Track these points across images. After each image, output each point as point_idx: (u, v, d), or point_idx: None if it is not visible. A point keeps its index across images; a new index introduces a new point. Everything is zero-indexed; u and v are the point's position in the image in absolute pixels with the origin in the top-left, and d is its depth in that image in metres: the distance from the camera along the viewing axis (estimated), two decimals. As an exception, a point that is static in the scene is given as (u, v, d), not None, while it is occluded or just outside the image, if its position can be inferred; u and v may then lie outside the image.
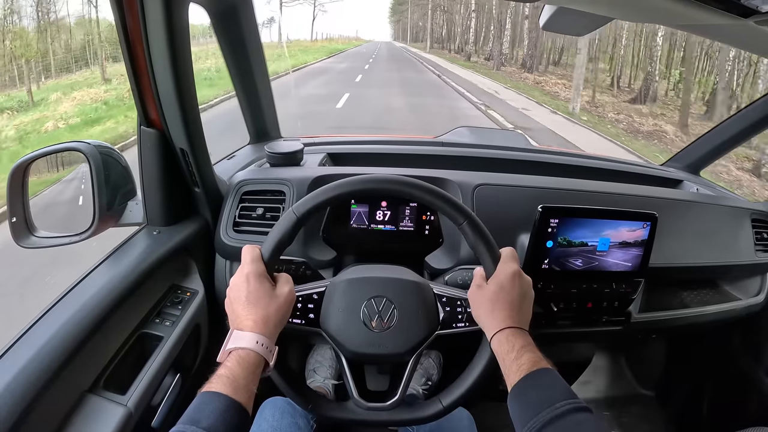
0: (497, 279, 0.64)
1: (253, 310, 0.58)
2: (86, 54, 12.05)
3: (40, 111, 7.94)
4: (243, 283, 0.60)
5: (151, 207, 0.85)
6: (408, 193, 0.66)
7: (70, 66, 11.38)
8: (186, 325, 0.81)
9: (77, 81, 10.24)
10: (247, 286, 0.60)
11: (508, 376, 0.58)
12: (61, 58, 11.47)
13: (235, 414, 0.49)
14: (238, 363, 0.54)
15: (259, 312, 0.58)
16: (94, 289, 0.69)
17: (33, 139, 6.37)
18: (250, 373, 0.54)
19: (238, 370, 0.53)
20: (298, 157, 1.03)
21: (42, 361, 0.57)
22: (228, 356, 0.55)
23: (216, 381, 0.52)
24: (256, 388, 0.54)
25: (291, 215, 0.63)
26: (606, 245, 0.84)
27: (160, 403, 0.75)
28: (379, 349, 0.66)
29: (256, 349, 0.55)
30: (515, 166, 1.14)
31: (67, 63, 11.45)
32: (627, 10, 0.87)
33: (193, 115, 0.78)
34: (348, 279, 0.69)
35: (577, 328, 0.94)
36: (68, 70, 11.26)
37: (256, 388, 0.55)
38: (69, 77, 10.72)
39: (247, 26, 0.98)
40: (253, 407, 0.54)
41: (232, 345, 0.56)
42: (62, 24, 12.71)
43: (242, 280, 0.60)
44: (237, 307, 0.60)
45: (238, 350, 0.55)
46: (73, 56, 11.55)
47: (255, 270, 0.61)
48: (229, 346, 0.56)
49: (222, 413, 0.48)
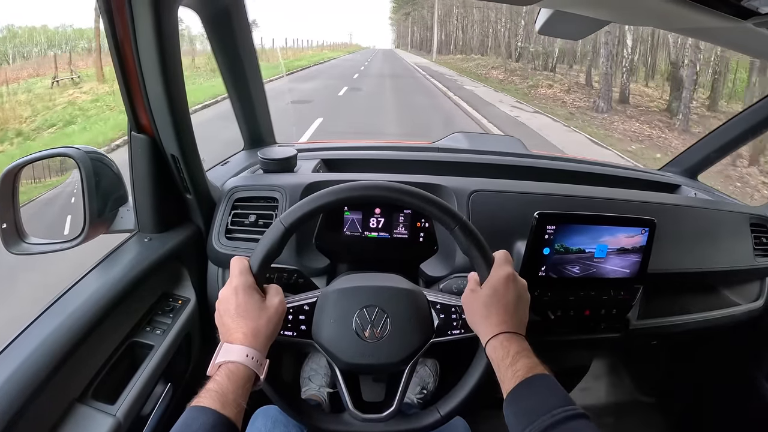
0: (491, 283, 0.63)
1: (243, 323, 0.58)
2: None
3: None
4: (232, 295, 0.59)
5: (143, 213, 0.84)
6: (398, 199, 0.65)
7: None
8: (177, 333, 0.79)
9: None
10: (236, 298, 0.59)
11: (504, 383, 0.57)
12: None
13: (223, 429, 0.48)
14: (227, 377, 0.53)
15: (248, 325, 0.57)
16: (84, 296, 0.68)
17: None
18: (240, 387, 0.53)
19: (228, 385, 0.52)
20: (291, 163, 1.02)
21: (30, 369, 0.56)
22: (217, 370, 0.54)
23: (204, 395, 0.51)
24: (245, 402, 0.53)
25: (279, 225, 0.62)
26: (604, 252, 0.83)
27: (150, 413, 0.74)
28: (372, 359, 0.65)
29: (245, 363, 0.54)
30: (511, 171, 1.13)
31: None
32: (624, 14, 0.86)
33: (184, 120, 0.77)
34: (339, 289, 0.68)
35: (575, 335, 0.93)
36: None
37: (246, 403, 0.53)
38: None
39: (239, 30, 0.98)
40: (245, 416, 0.53)
41: (222, 358, 0.55)
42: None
43: (231, 293, 0.60)
44: (226, 320, 0.59)
45: (228, 364, 0.54)
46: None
47: (243, 282, 0.60)
48: (218, 360, 0.55)
49: (210, 429, 0.48)
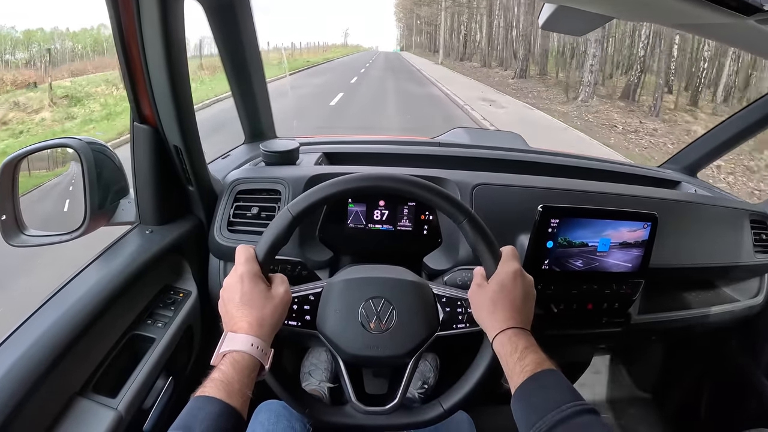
0: (498, 278, 0.63)
1: (248, 312, 0.57)
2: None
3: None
4: (237, 283, 0.58)
5: (144, 205, 0.83)
6: (407, 191, 0.65)
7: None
8: (179, 326, 0.79)
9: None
10: (241, 287, 0.58)
11: (512, 378, 0.56)
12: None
13: (229, 419, 0.48)
14: (232, 366, 0.52)
15: (253, 313, 0.57)
16: (85, 289, 0.68)
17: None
18: (245, 377, 0.52)
19: (233, 374, 0.51)
20: (293, 156, 1.01)
21: (30, 362, 0.56)
22: (222, 359, 0.53)
23: (209, 385, 0.50)
24: (251, 392, 0.53)
25: (286, 214, 0.62)
26: (606, 246, 0.83)
27: (152, 407, 0.74)
28: (377, 351, 0.64)
29: (250, 352, 0.54)
30: (513, 166, 1.13)
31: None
32: (626, 9, 0.86)
33: (188, 111, 0.76)
34: (345, 279, 0.68)
35: (577, 329, 0.93)
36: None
37: (251, 393, 0.53)
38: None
39: (243, 23, 0.97)
40: (248, 410, 0.52)
41: (226, 348, 0.54)
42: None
43: (236, 281, 0.59)
44: (231, 309, 0.58)
45: (233, 353, 0.53)
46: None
47: (249, 270, 0.59)
48: (223, 349, 0.54)
49: (216, 418, 0.47)
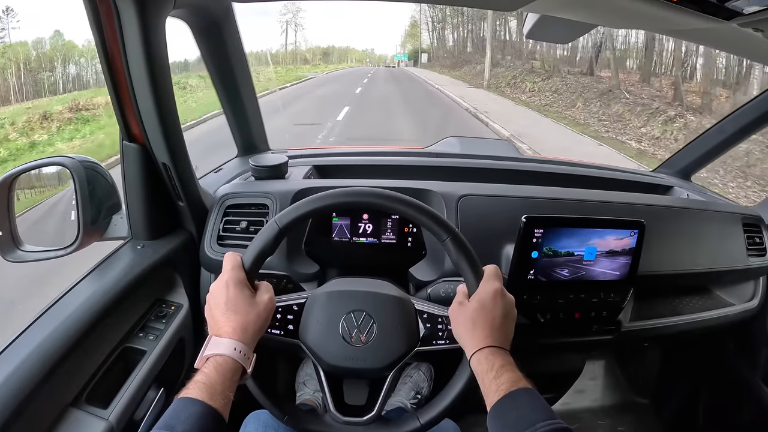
0: (479, 297, 0.63)
1: (232, 317, 0.58)
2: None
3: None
4: (222, 289, 0.60)
5: (135, 221, 0.85)
6: (391, 208, 0.66)
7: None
8: (170, 339, 0.80)
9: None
10: (227, 292, 0.60)
11: (487, 396, 0.57)
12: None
13: (210, 420, 0.50)
14: (215, 369, 0.54)
15: (237, 319, 0.58)
16: (78, 302, 0.69)
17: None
18: (227, 380, 0.54)
19: (215, 377, 0.53)
20: (282, 170, 1.03)
21: (24, 374, 0.57)
22: (205, 362, 0.55)
23: (193, 387, 0.52)
24: (233, 394, 0.54)
25: (273, 225, 0.63)
26: (593, 254, 0.83)
27: (143, 418, 0.75)
28: (357, 363, 0.65)
29: (233, 356, 0.56)
30: (502, 175, 1.14)
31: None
32: (610, 17, 0.87)
33: (174, 129, 0.78)
34: (328, 292, 0.69)
35: (567, 338, 0.93)
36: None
37: (233, 395, 0.54)
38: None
39: (230, 40, 0.98)
40: (236, 421, 0.53)
41: (210, 351, 0.56)
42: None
43: (222, 287, 0.60)
44: (216, 314, 0.59)
45: (216, 356, 0.55)
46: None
47: (235, 277, 0.61)
48: (206, 353, 0.56)
49: (198, 419, 0.48)
